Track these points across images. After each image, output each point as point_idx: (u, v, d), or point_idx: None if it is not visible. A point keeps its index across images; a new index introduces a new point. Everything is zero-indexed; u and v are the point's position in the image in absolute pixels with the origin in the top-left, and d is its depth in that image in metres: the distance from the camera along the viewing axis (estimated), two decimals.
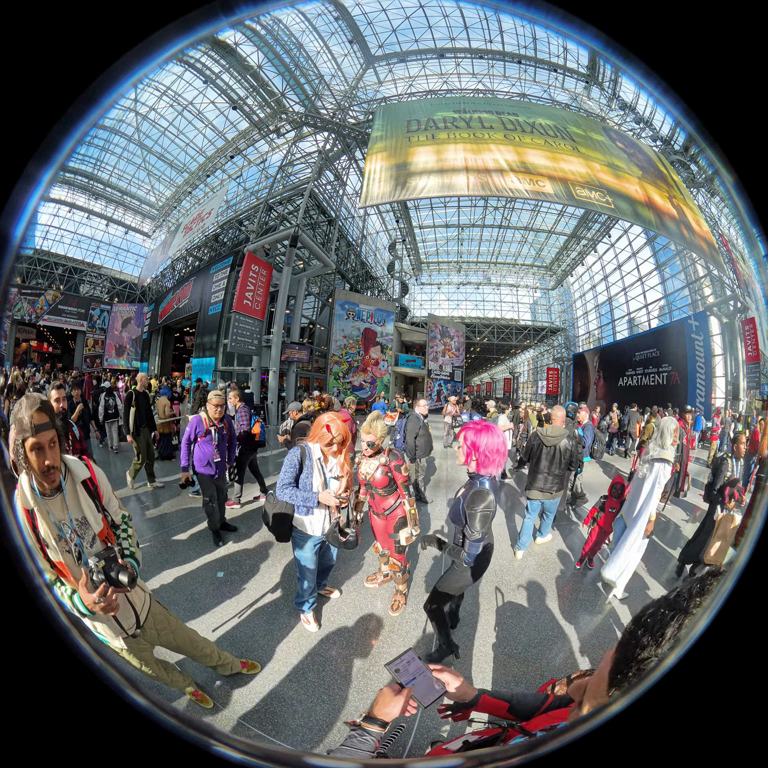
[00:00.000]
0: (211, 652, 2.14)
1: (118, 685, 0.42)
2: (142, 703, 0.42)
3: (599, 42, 0.38)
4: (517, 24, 14.99)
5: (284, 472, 2.45)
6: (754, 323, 12.86)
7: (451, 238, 24.81)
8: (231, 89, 16.08)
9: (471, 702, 1.05)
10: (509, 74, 17.17)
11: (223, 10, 0.38)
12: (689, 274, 16.78)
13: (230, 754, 0.41)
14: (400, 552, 2.85)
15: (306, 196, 15.30)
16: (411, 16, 15.31)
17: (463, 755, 0.88)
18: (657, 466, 3.28)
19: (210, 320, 16.72)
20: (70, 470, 1.54)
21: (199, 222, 19.30)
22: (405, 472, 2.86)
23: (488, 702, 1.04)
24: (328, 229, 17.67)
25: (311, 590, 2.70)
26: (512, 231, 23.34)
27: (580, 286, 24.88)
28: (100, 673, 0.41)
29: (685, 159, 15.55)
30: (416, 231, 23.97)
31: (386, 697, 0.97)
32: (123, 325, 24.26)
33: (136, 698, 0.42)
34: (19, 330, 22.09)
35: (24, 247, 0.41)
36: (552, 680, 1.37)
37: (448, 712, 1.11)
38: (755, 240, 0.38)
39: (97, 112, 0.38)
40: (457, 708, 1.08)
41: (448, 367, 21.24)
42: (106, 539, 1.59)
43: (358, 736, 0.90)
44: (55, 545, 1.41)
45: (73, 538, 1.47)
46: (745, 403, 13.21)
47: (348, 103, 16.80)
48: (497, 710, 1.04)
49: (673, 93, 0.37)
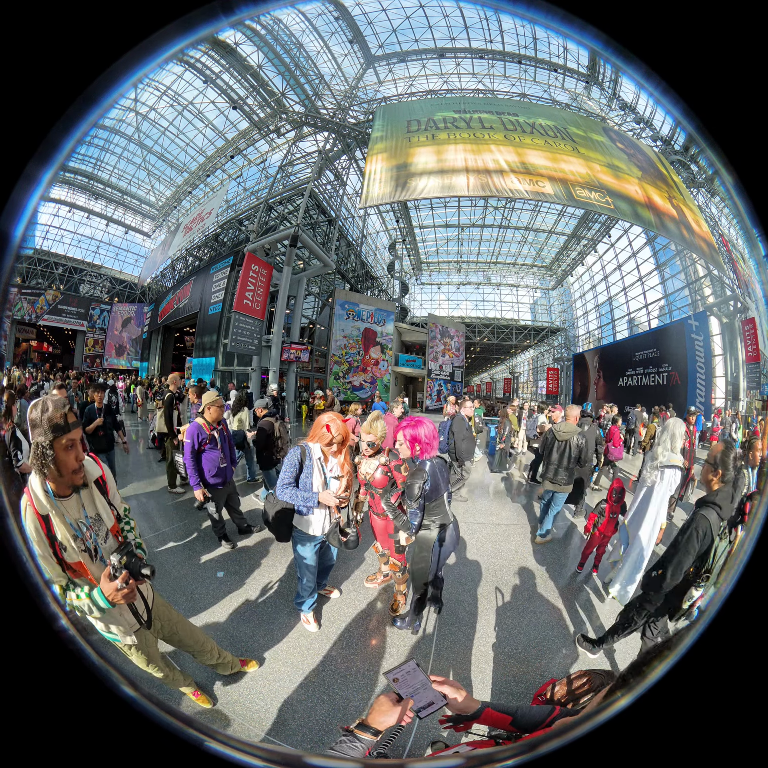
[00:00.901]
0: (212, 649, 2.14)
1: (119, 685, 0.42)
2: (143, 703, 0.42)
3: (599, 42, 0.38)
4: (518, 24, 14.99)
5: (284, 472, 2.45)
6: (754, 323, 12.86)
7: (451, 238, 24.80)
8: (231, 89, 16.08)
9: (473, 715, 1.03)
10: (509, 74, 17.16)
11: (223, 10, 0.38)
12: (689, 274, 16.77)
13: (230, 754, 0.41)
14: (399, 552, 2.85)
15: (306, 196, 15.30)
16: (411, 16, 15.30)
17: (463, 755, 0.88)
18: (668, 473, 3.09)
19: (210, 320, 16.72)
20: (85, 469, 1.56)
21: (199, 222, 19.30)
22: (405, 472, 2.86)
23: (491, 715, 1.03)
24: (328, 229, 17.67)
25: (311, 590, 2.70)
26: (512, 231, 23.32)
27: (580, 286, 24.88)
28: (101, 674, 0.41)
29: (685, 159, 15.54)
30: (416, 231, 23.95)
31: (383, 706, 0.96)
32: (123, 325, 24.27)
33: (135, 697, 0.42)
34: (19, 330, 22.09)
35: (24, 247, 0.41)
36: (552, 680, 1.36)
37: (449, 723, 1.09)
38: (755, 240, 0.38)
39: (97, 112, 0.38)
40: (459, 720, 1.07)
41: (448, 367, 21.23)
42: (117, 533, 1.63)
43: (348, 741, 0.89)
44: (73, 545, 1.42)
45: (89, 536, 1.49)
46: (745, 404, 13.21)
47: (348, 103, 16.80)
48: (500, 723, 1.03)
49: (673, 93, 0.37)
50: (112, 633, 1.64)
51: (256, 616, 2.85)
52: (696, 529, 2.05)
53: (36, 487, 1.38)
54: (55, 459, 1.36)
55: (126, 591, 1.38)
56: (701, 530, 2.04)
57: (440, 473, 2.49)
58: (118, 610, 1.58)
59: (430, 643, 2.66)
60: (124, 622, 1.64)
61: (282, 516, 2.56)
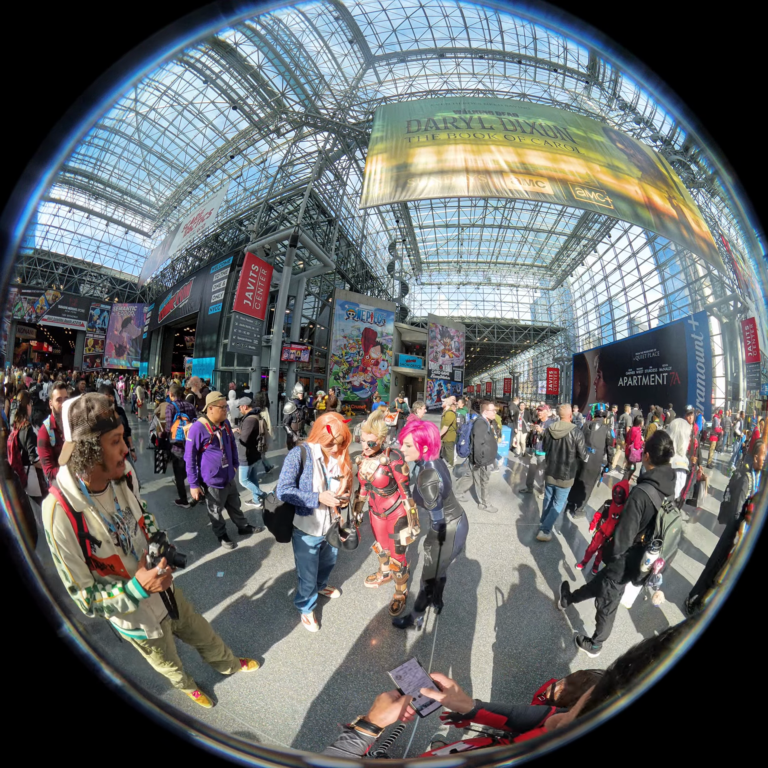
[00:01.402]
0: (220, 644, 2.16)
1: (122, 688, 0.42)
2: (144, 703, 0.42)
3: (599, 42, 0.38)
4: (517, 24, 14.99)
5: (284, 472, 2.45)
6: (754, 323, 12.86)
7: (451, 238, 24.80)
8: (231, 89, 16.09)
9: (468, 715, 1.05)
10: (509, 74, 17.16)
11: (223, 10, 0.38)
12: (689, 274, 16.77)
13: (231, 754, 0.41)
14: (400, 552, 2.85)
15: (306, 196, 15.30)
16: (411, 16, 15.31)
17: (463, 755, 0.88)
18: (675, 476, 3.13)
19: (210, 320, 16.73)
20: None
21: (199, 222, 19.31)
22: (405, 472, 2.86)
23: (485, 716, 1.04)
24: (328, 229, 17.68)
25: (311, 590, 2.70)
26: (512, 231, 23.32)
27: (580, 286, 24.87)
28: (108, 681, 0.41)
29: (685, 159, 15.55)
30: (416, 231, 23.95)
31: (384, 703, 0.97)
32: (123, 325, 24.26)
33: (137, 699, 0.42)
34: (19, 330, 22.09)
35: (24, 247, 0.41)
36: (552, 680, 1.36)
37: (449, 719, 1.10)
38: (755, 240, 0.38)
39: (97, 112, 0.38)
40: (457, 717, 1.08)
41: (448, 367, 21.22)
42: (143, 526, 1.68)
43: (349, 738, 0.90)
44: (109, 539, 1.46)
45: (122, 529, 1.54)
46: (745, 404, 13.21)
47: (348, 103, 16.80)
48: (495, 723, 1.03)
49: (673, 93, 0.37)
50: (138, 630, 1.65)
51: (256, 616, 2.85)
52: (634, 500, 2.40)
53: (68, 485, 1.38)
54: (102, 454, 1.39)
55: (165, 577, 1.46)
56: (639, 501, 2.39)
57: (445, 470, 2.56)
58: (146, 603, 1.60)
59: (430, 643, 2.66)
60: (151, 615, 1.67)
61: (282, 516, 2.56)
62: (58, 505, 1.34)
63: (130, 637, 1.69)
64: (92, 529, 1.42)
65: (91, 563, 1.41)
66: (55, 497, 1.35)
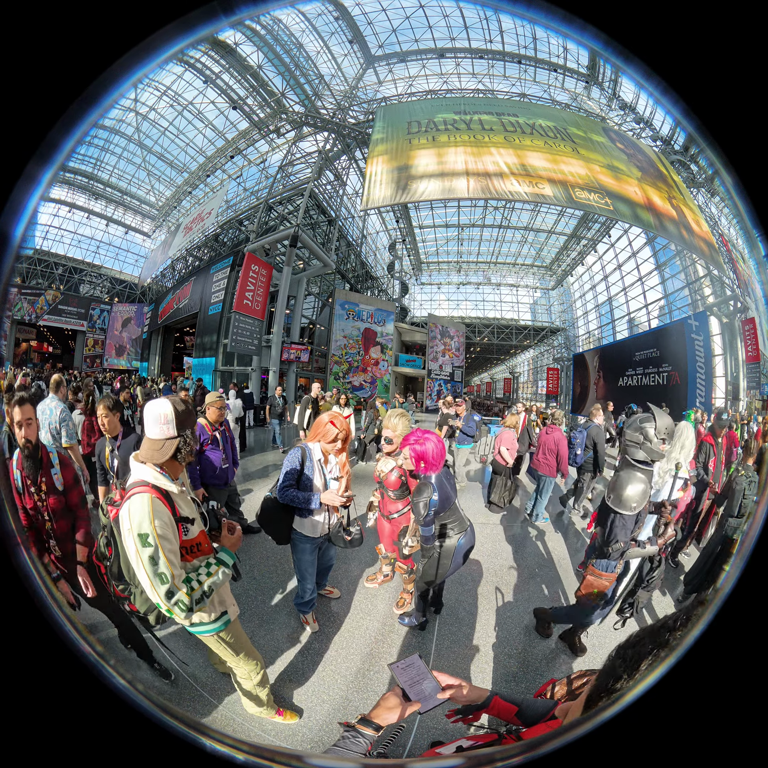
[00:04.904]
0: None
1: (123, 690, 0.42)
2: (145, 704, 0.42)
3: (599, 42, 0.38)
4: (517, 24, 14.98)
5: (285, 473, 2.43)
6: (754, 323, 12.85)
7: (451, 238, 24.78)
8: (231, 89, 16.08)
9: (483, 704, 1.04)
10: (509, 74, 17.14)
11: (223, 10, 0.38)
12: (689, 274, 16.76)
13: (231, 754, 0.41)
14: (404, 558, 2.85)
15: (306, 196, 15.30)
16: (411, 16, 15.30)
17: (464, 755, 0.88)
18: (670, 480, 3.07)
19: (210, 320, 16.71)
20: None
21: (199, 222, 19.30)
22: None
23: (499, 704, 1.03)
24: (328, 229, 17.67)
25: (311, 590, 2.69)
26: (512, 231, 23.31)
27: (580, 286, 24.85)
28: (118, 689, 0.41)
29: (685, 159, 15.54)
30: (416, 231, 23.94)
31: (388, 702, 0.97)
32: (123, 325, 24.24)
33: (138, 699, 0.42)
34: (19, 330, 22.06)
35: (24, 247, 0.41)
36: (552, 680, 1.36)
37: (457, 716, 1.09)
38: (755, 240, 0.38)
39: (97, 112, 0.38)
40: (468, 711, 1.07)
41: (448, 367, 21.21)
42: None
43: (350, 737, 0.90)
44: (197, 515, 1.63)
45: (197, 505, 1.72)
46: (745, 403, 13.21)
47: (348, 103, 16.80)
48: (506, 713, 1.02)
49: (673, 93, 0.37)
50: (224, 616, 1.67)
51: (256, 616, 2.85)
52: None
53: (157, 477, 1.47)
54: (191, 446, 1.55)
55: (239, 535, 1.71)
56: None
57: (447, 482, 2.47)
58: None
59: (431, 643, 2.66)
60: (228, 592, 1.75)
61: (281, 519, 2.54)
62: (153, 498, 1.39)
63: (213, 631, 1.66)
64: (183, 510, 1.54)
65: (184, 548, 1.51)
66: (147, 491, 1.40)
